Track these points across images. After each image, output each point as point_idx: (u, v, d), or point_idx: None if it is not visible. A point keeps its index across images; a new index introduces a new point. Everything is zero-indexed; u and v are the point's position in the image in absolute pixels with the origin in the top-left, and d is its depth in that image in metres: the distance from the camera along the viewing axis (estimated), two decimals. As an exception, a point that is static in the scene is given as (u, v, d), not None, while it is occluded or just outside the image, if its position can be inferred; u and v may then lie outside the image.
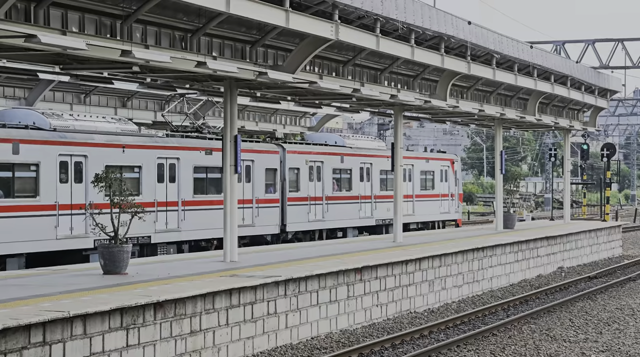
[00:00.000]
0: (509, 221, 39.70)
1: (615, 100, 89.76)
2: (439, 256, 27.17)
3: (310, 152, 38.41)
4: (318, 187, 38.43)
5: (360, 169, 41.24)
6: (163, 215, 30.35)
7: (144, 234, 29.00)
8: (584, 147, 61.88)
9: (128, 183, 26.31)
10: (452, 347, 20.35)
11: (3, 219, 25.05)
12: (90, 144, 27.75)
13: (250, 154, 34.23)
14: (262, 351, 19.41)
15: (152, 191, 29.85)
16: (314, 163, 38.34)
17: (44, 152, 26.26)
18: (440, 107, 32.23)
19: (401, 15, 26.22)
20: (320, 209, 38.39)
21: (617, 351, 20.41)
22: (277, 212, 35.90)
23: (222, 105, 25.36)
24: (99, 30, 19.80)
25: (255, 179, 34.70)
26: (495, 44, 32.68)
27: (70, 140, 27.22)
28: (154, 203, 29.62)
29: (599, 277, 35.07)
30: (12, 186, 25.55)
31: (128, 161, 28.94)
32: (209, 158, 31.81)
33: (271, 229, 35.53)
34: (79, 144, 27.39)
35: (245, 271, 21.12)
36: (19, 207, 25.60)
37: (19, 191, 25.75)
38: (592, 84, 44.02)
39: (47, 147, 26.39)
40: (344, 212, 39.52)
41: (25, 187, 25.90)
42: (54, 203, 26.22)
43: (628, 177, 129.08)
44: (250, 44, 24.06)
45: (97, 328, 15.49)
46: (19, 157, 25.56)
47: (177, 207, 30.97)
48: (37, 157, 26.08)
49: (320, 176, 38.55)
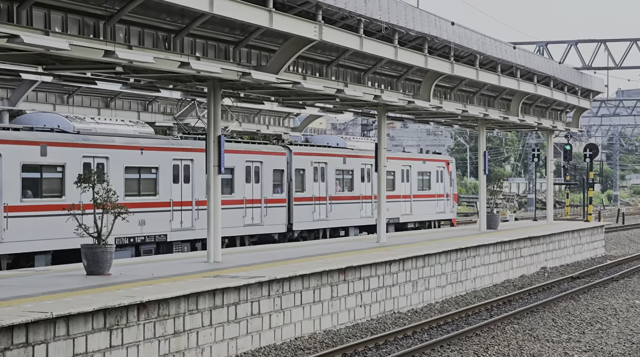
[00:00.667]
0: (492, 221, 39.80)
1: (598, 101, 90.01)
2: (423, 257, 27.21)
3: (314, 154, 39.35)
4: (322, 187, 39.39)
5: (361, 170, 42.29)
6: (178, 214, 31.35)
7: (161, 233, 30.24)
8: (566, 148, 62.10)
9: (146, 183, 29.46)
10: (435, 347, 20.38)
11: (32, 218, 25.95)
12: (111, 146, 28.78)
13: (259, 155, 35.37)
14: (246, 352, 19.40)
15: (169, 191, 30.90)
16: (319, 164, 39.26)
17: (69, 154, 27.29)
18: (423, 107, 32.27)
19: (385, 16, 26.24)
20: (324, 208, 39.36)
21: (600, 351, 20.47)
22: (284, 211, 36.89)
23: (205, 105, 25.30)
24: (82, 30, 19.75)
25: (264, 179, 35.64)
26: (478, 44, 32.74)
27: (93, 143, 28.23)
28: (169, 203, 30.79)
29: (582, 277, 35.18)
30: (40, 186, 26.54)
31: (146, 163, 30.00)
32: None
33: (278, 228, 36.49)
34: (101, 146, 28.42)
35: (228, 272, 21.11)
36: (46, 206, 26.56)
37: (46, 191, 26.69)
38: (575, 85, 44.15)
39: (72, 150, 27.41)
40: (347, 212, 40.46)
41: (52, 187, 26.87)
42: (78, 203, 25.84)
43: (611, 177, 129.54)
44: (234, 45, 24.04)
45: (80, 329, 15.46)
46: (47, 159, 26.62)
47: (191, 207, 31.93)
48: (63, 158, 27.11)
49: (324, 177, 39.49)
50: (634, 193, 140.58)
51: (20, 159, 25.82)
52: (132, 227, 27.84)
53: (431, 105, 32.25)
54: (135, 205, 28.41)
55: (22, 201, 25.77)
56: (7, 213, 25.18)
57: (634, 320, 24.82)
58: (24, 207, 24.76)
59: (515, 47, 36.94)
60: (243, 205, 34.42)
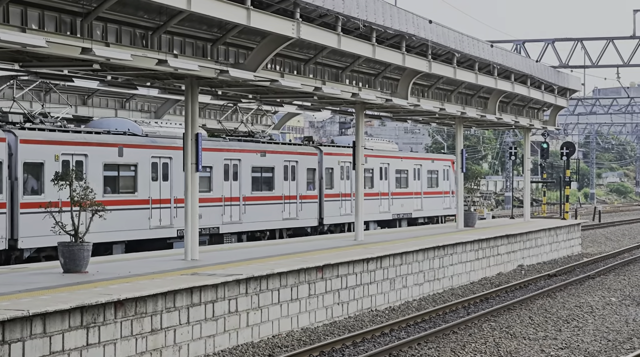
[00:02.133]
0: (470, 219, 39.90)
1: (575, 99, 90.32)
2: (400, 254, 27.25)
3: (341, 154, 42.13)
4: (348, 185, 42.13)
5: (380, 169, 45.02)
6: (228, 209, 34.54)
7: (214, 225, 33.44)
8: (543, 146, 62.27)
9: (202, 181, 31.86)
10: (413, 345, 20.42)
11: (111, 212, 27.45)
12: (174, 148, 31.44)
13: (296, 155, 38.78)
14: (223, 349, 19.39)
15: (221, 188, 34.03)
16: (344, 164, 42.00)
17: (140, 154, 30.44)
18: (401, 105, 32.31)
19: (362, 14, 26.26)
20: (349, 204, 41.87)
21: (576, 348, 20.56)
22: (316, 207, 40.02)
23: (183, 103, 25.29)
24: (59, 27, 19.67)
25: (299, 177, 38.80)
26: (456, 43, 32.81)
27: (159, 145, 31.32)
28: (221, 198, 33.97)
29: (559, 275, 35.32)
30: (118, 183, 29.66)
31: (203, 162, 30.47)
32: (262, 159, 36.30)
33: (311, 222, 39.63)
34: (165, 147, 31.48)
35: (206, 269, 21.09)
36: (122, 201, 29.67)
37: (123, 187, 29.85)
38: (552, 83, 44.29)
39: (143, 151, 30.57)
40: (368, 208, 42.04)
41: (127, 184, 29.99)
42: (148, 198, 30.50)
43: (587, 175, 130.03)
44: (212, 42, 24.01)
45: (57, 327, 15.42)
46: (123, 159, 29.76)
47: (239, 202, 35.17)
48: (136, 159, 30.24)
49: (349, 175, 42.13)
50: (610, 191, 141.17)
51: (102, 159, 28.99)
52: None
53: (409, 103, 32.30)
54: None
55: (103, 196, 28.43)
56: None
57: (610, 317, 24.94)
58: (104, 201, 25.70)
59: (493, 45, 37.03)
60: (282, 201, 37.49)
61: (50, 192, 25.63)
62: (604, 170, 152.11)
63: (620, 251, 45.24)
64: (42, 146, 27.25)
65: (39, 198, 26.43)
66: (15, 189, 26.44)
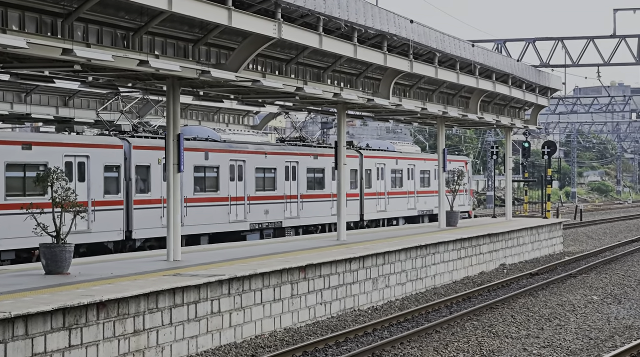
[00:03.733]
0: (452, 218, 39.97)
1: (556, 99, 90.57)
2: (383, 254, 27.28)
3: (377, 157, 46.74)
4: (382, 184, 46.72)
5: (407, 170, 49.63)
6: (289, 205, 38.98)
7: (277, 220, 37.84)
8: (525, 145, 62.38)
9: (268, 181, 37.23)
10: (395, 344, 20.45)
11: (198, 208, 33.38)
12: (247, 152, 36.33)
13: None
14: (206, 350, 19.37)
15: (283, 187, 38.36)
16: (379, 166, 46.54)
17: (222, 158, 34.82)
18: (383, 105, 32.34)
19: (344, 14, 26.28)
20: (383, 202, 46.63)
21: (558, 346, 20.63)
22: (358, 204, 44.49)
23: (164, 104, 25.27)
24: (39, 28, 19.62)
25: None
26: (437, 42, 32.86)
27: (235, 149, 35.76)
28: (283, 196, 38.18)
29: (541, 273, 35.42)
30: (204, 183, 33.98)
31: (268, 164, 37.63)
32: (315, 161, 40.93)
33: (354, 217, 43.81)
34: (240, 152, 35.96)
35: (188, 270, 21.07)
36: (208, 198, 34.09)
37: (208, 186, 34.21)
38: (533, 83, 44.41)
39: (224, 155, 34.99)
40: (398, 205, 47.85)
41: (211, 183, 34.37)
42: (227, 196, 34.99)
43: (568, 174, 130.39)
44: (193, 43, 23.98)
45: (39, 329, 15.38)
46: (208, 162, 34.19)
47: (297, 200, 39.69)
48: (218, 162, 34.63)
49: (383, 176, 46.81)
50: (591, 190, 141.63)
51: (193, 162, 33.02)
52: (259, 216, 36.48)
53: (390, 103, 32.33)
54: (261, 198, 36.86)
55: (194, 194, 33.32)
56: (186, 203, 32.49)
57: (592, 316, 25.04)
58: (195, 199, 32.92)
59: (474, 45, 37.11)
60: (330, 198, 41.53)
61: (156, 191, 31.39)
62: (585, 169, 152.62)
63: (602, 250, 45.41)
64: (148, 151, 31.60)
65: (146, 196, 31.33)
66: (130, 188, 30.80)
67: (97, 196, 29.24)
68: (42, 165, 26.78)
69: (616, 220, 73.62)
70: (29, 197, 26.10)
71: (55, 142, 28.09)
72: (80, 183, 28.96)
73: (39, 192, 25.94)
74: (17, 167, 26.99)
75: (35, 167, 26.83)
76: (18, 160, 26.95)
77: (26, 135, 30.56)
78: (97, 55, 19.71)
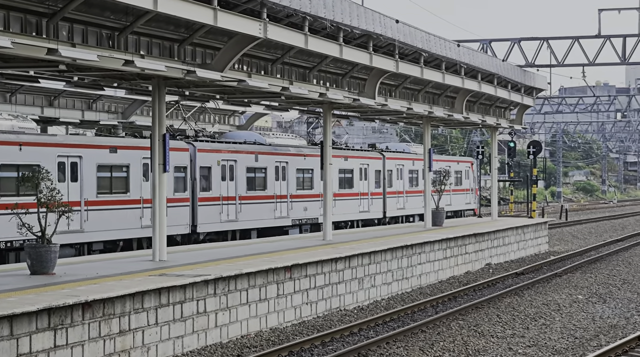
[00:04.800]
0: (438, 218, 40.01)
1: (541, 99, 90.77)
2: (369, 254, 27.30)
3: (397, 158, 50.20)
4: (401, 184, 50.23)
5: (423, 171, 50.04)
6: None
7: (314, 217, 40.95)
8: (510, 145, 62.49)
9: (307, 181, 41.00)
10: (381, 344, 20.47)
11: (249, 205, 36.83)
12: (289, 154, 40.02)
13: (367, 160, 46.71)
14: (192, 350, 19.36)
15: (319, 186, 40.82)
16: (399, 166, 50.08)
17: (268, 160, 38.41)
18: (369, 105, 32.36)
19: (329, 14, 26.29)
20: (402, 200, 50.15)
21: (544, 346, 20.68)
22: (381, 202, 47.75)
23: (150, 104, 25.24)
24: (24, 28, 19.57)
25: (370, 178, 46.61)
26: (423, 42, 32.89)
27: (279, 152, 39.44)
28: (319, 194, 40.38)
29: (526, 273, 35.49)
30: (254, 182, 37.33)
31: (307, 165, 41.19)
32: (345, 163, 44.44)
33: (378, 215, 47.31)
34: (283, 154, 39.59)
35: (174, 270, 21.05)
36: (257, 196, 37.41)
37: (257, 185, 37.56)
38: (519, 82, 44.50)
39: (270, 157, 38.59)
40: (415, 203, 50.70)
41: (259, 183, 37.71)
42: (273, 194, 38.40)
43: (554, 174, 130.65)
44: (179, 43, 23.96)
45: (24, 329, 15.34)
46: (257, 163, 37.63)
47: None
48: (266, 163, 38.18)
49: (402, 176, 50.37)
50: (576, 190, 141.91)
51: (245, 164, 36.67)
52: (299, 213, 40.00)
53: (376, 103, 32.35)
54: (301, 196, 40.33)
55: (246, 193, 36.76)
56: (240, 201, 36.22)
57: (577, 315, 25.11)
58: (247, 197, 36.69)
59: (460, 45, 37.16)
60: (358, 197, 45.09)
61: (216, 189, 34.91)
62: (570, 168, 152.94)
63: (587, 249, 45.52)
64: (209, 154, 34.91)
65: (208, 194, 34.66)
66: (195, 187, 33.97)
67: (169, 194, 31.15)
68: (125, 167, 31.22)
69: (601, 220, 73.82)
70: None
71: (136, 146, 31.72)
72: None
73: None
74: (105, 169, 30.22)
75: (120, 168, 31.16)
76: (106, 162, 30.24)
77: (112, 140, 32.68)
78: (83, 55, 19.67)
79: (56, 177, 26.96)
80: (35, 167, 24.74)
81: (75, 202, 28.17)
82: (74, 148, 29.15)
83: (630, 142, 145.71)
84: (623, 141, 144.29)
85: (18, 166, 26.75)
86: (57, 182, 26.96)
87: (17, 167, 26.71)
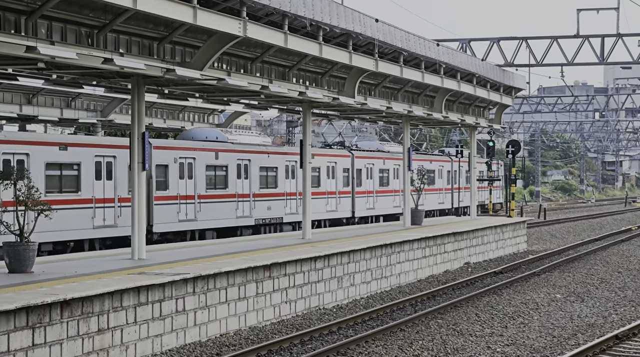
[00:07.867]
0: (417, 217, 40.07)
1: (520, 98, 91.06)
2: (348, 253, 27.32)
3: (366, 157, 50.45)
4: (371, 183, 50.37)
5: (394, 170, 53.30)
6: (289, 202, 43.00)
7: (278, 216, 41.17)
8: (489, 144, 62.72)
9: (270, 179, 41.02)
10: (360, 343, 20.48)
11: (209, 204, 36.86)
12: (252, 152, 39.99)
13: (334, 158, 47.04)
14: (171, 349, 19.33)
15: (283, 185, 41.94)
16: (369, 165, 50.08)
17: (230, 158, 38.29)
18: (348, 104, 32.39)
19: (309, 13, 26.29)
20: (372, 200, 50.24)
21: (522, 344, 20.75)
22: (350, 201, 48.00)
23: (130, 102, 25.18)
24: (2, 26, 19.49)
25: (337, 176, 46.92)
26: (402, 41, 32.94)
27: (241, 149, 39.35)
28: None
29: (505, 272, 35.58)
30: (215, 180, 37.36)
31: (271, 163, 41.20)
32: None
33: (346, 214, 47.56)
34: (245, 152, 39.49)
35: (153, 269, 21.01)
36: (218, 195, 37.40)
37: (218, 183, 37.66)
38: (498, 82, 44.62)
39: (231, 154, 38.42)
40: (385, 203, 51.81)
41: (220, 181, 37.81)
42: (235, 193, 38.47)
43: (532, 173, 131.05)
44: (158, 41, 23.92)
45: (2, 327, 15.28)
46: (218, 161, 37.53)
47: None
48: (227, 161, 37.99)
49: (372, 175, 50.52)
50: (555, 189, 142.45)
51: (205, 162, 36.63)
52: (262, 212, 40.04)
53: (356, 101, 32.38)
54: (264, 195, 40.26)
55: (206, 191, 36.69)
56: (199, 200, 36.19)
57: (555, 314, 25.20)
58: (207, 195, 36.70)
59: (439, 44, 37.23)
60: (325, 196, 45.59)
61: (174, 188, 34.75)
62: (549, 168, 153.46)
63: (565, 248, 45.69)
64: (166, 151, 34.75)
65: (165, 193, 34.62)
66: (151, 185, 33.48)
67: (123, 194, 32.01)
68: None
69: (579, 219, 74.10)
70: None
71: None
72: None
73: None
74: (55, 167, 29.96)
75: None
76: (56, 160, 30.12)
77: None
78: (61, 53, 19.61)
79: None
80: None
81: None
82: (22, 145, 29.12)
83: (609, 142, 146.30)
84: (601, 141, 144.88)
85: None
86: None
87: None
